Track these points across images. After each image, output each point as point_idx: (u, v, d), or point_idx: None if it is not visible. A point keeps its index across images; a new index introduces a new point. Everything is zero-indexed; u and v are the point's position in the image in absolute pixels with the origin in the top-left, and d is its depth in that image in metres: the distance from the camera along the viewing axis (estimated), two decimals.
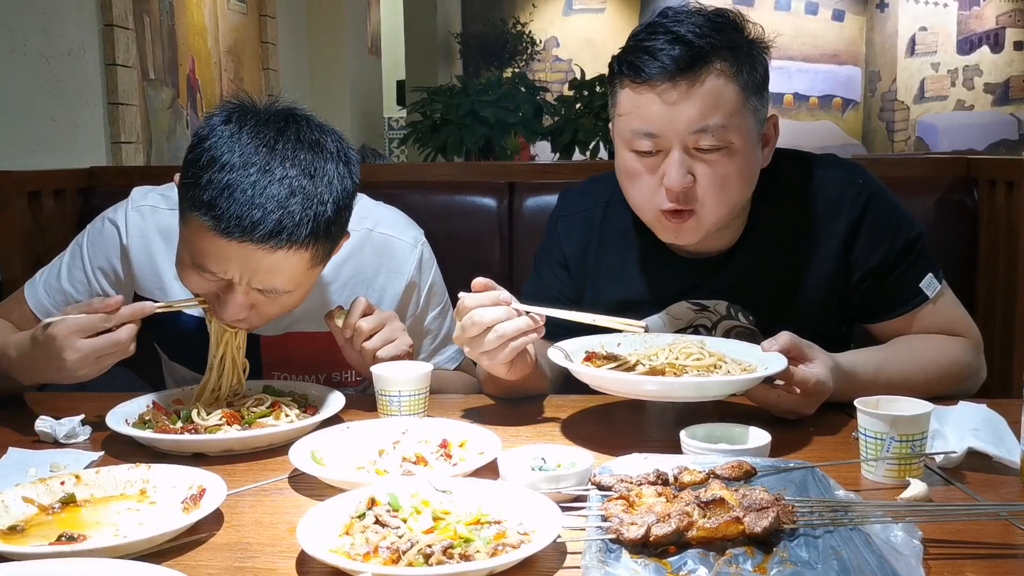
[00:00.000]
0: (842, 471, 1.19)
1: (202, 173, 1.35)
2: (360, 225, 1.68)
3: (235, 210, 1.33)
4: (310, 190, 1.37)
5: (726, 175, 1.46)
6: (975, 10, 9.16)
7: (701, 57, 1.42)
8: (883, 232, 1.56)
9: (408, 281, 1.71)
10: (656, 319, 1.64)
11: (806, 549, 0.95)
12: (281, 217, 1.34)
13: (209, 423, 1.38)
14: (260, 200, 1.33)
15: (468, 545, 0.94)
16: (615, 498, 1.05)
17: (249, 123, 1.39)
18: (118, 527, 1.08)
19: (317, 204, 1.37)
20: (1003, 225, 2.06)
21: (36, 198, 2.19)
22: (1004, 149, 8.82)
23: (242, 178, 1.34)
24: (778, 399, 1.39)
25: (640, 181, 1.49)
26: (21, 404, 1.58)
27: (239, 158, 1.35)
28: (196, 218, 1.36)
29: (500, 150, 5.53)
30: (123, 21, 3.25)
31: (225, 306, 1.43)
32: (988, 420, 1.27)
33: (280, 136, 1.39)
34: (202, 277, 1.42)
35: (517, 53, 9.69)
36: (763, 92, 1.50)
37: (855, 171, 1.61)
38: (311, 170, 1.38)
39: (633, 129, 1.47)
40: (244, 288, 1.41)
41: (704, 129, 1.43)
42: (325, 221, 1.39)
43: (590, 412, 1.52)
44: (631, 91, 1.47)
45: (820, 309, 1.58)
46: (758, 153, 1.52)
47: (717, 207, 1.48)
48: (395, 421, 1.37)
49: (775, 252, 1.58)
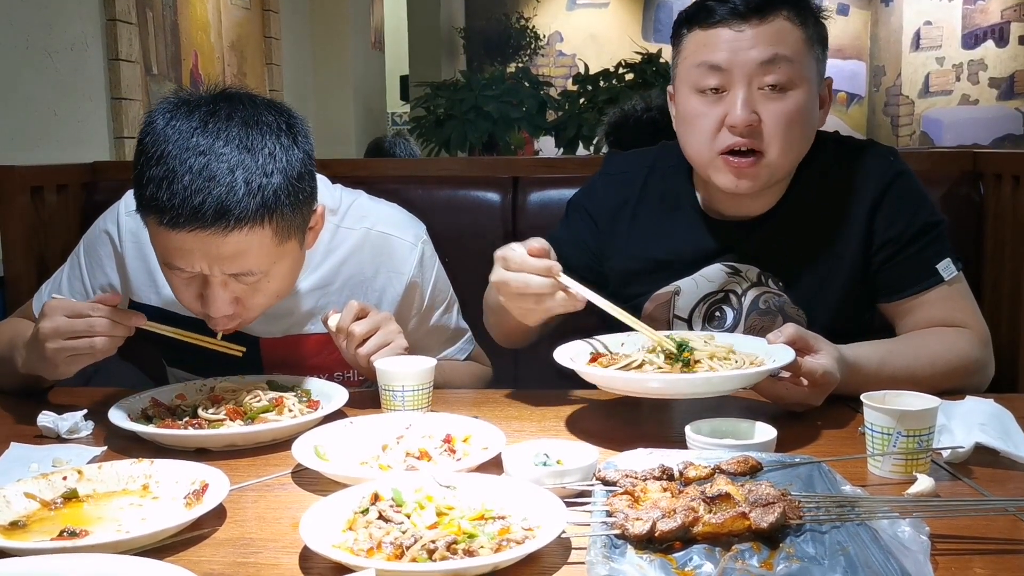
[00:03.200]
0: (848, 466, 1.19)
1: (144, 171, 1.34)
2: (359, 224, 1.66)
3: (177, 200, 1.30)
4: (249, 164, 1.33)
5: (789, 117, 1.49)
6: (980, 4, 9.11)
7: (769, 2, 1.49)
8: (905, 207, 1.58)
9: (409, 281, 1.69)
10: (689, 281, 1.65)
11: (812, 545, 0.94)
12: (223, 197, 1.31)
13: (212, 418, 1.37)
14: (199, 184, 1.30)
15: (472, 541, 0.94)
16: (620, 493, 1.04)
17: (181, 112, 1.36)
18: (120, 522, 1.07)
19: (260, 176, 1.33)
20: (1009, 219, 2.05)
21: (39, 193, 2.19)
22: (1009, 143, 8.78)
23: (178, 166, 1.31)
24: (786, 392, 1.38)
25: (701, 123, 1.52)
26: (24, 399, 1.57)
27: (173, 146, 1.33)
28: (147, 217, 1.36)
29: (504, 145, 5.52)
30: (126, 16, 3.24)
31: (209, 303, 1.41)
32: (995, 415, 1.26)
33: (211, 117, 1.36)
34: (177, 276, 1.41)
35: (521, 48, 9.67)
36: (824, 48, 1.56)
37: (889, 151, 1.64)
38: (248, 144, 1.34)
39: (700, 62, 1.51)
40: (220, 279, 1.39)
41: (772, 61, 1.47)
42: (273, 193, 1.35)
43: (595, 407, 1.52)
44: (700, 32, 1.52)
45: (846, 283, 1.60)
46: (817, 106, 1.55)
47: (782, 151, 1.51)
48: (399, 416, 1.37)
49: (807, 220, 1.61)
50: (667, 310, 1.67)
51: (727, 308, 1.65)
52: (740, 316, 1.64)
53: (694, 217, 1.67)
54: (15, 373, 1.53)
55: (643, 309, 1.68)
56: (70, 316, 1.38)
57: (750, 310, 1.63)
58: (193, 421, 1.37)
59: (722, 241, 1.64)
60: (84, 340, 1.38)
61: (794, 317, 1.61)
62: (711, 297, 1.65)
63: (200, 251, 1.34)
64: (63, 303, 1.41)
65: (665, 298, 1.67)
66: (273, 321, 1.62)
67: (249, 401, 1.43)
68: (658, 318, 1.67)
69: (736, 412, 1.35)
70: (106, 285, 1.67)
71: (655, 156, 1.74)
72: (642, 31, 9.74)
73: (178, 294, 1.45)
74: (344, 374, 1.70)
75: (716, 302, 1.65)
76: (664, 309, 1.67)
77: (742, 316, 1.64)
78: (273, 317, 1.60)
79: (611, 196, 1.73)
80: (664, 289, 1.67)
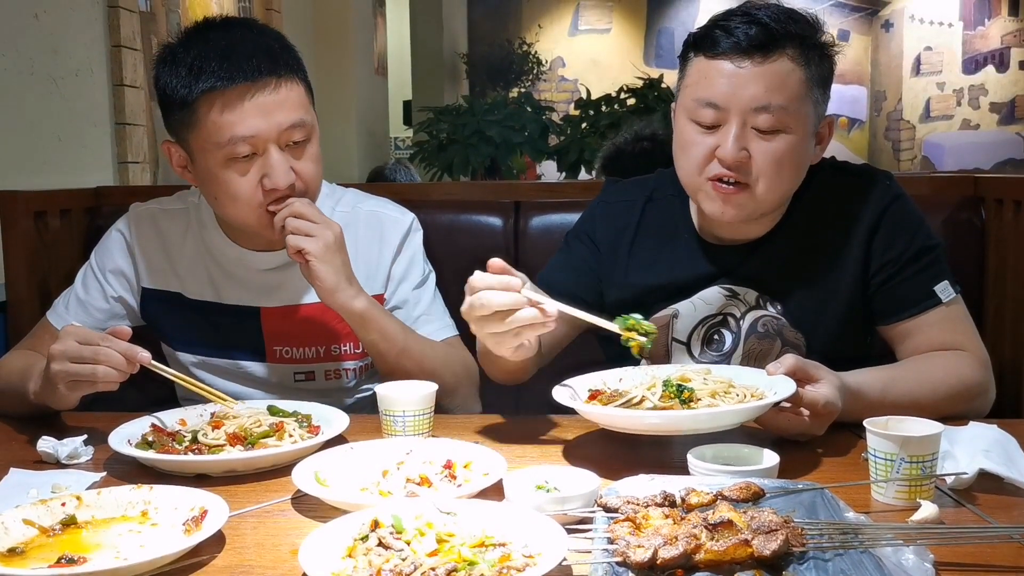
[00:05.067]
0: (852, 492, 1.18)
1: (181, 65, 1.54)
2: (352, 207, 1.79)
3: (230, 61, 1.52)
4: (270, 35, 1.61)
5: (780, 158, 1.50)
6: (980, 30, 9.17)
7: (774, 40, 1.48)
8: (902, 230, 1.58)
9: (395, 250, 1.78)
10: (687, 304, 1.66)
11: (816, 572, 0.93)
12: (269, 51, 1.55)
13: (212, 443, 1.37)
14: (242, 48, 1.53)
15: (472, 568, 0.93)
16: (621, 520, 1.03)
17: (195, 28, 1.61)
18: (119, 549, 1.07)
19: (283, 44, 1.61)
20: (1011, 244, 2.04)
21: (42, 218, 2.19)
22: (1010, 168, 8.81)
23: (219, 39, 1.55)
24: (787, 423, 1.37)
25: (694, 151, 1.54)
26: (24, 424, 1.57)
27: (199, 36, 1.57)
28: (204, 97, 1.52)
29: (506, 169, 5.54)
30: (131, 42, 3.26)
31: (274, 172, 1.54)
32: (999, 441, 1.26)
33: (212, 26, 1.60)
34: (237, 169, 1.54)
35: (523, 73, 9.73)
36: (826, 89, 1.56)
37: (885, 176, 1.65)
38: (246, 24, 1.63)
39: (697, 98, 1.52)
40: (277, 144, 1.54)
41: (766, 107, 1.48)
42: (297, 57, 1.62)
43: (596, 434, 1.51)
44: (703, 62, 1.53)
45: (845, 306, 1.60)
46: (811, 146, 1.56)
47: (769, 188, 1.52)
48: (399, 441, 1.36)
49: (805, 244, 1.61)
50: (665, 333, 1.67)
51: (725, 331, 1.65)
52: (739, 339, 1.64)
53: (692, 242, 1.67)
54: (26, 402, 1.55)
55: None
56: (81, 342, 1.41)
57: (748, 333, 1.63)
58: (193, 447, 1.37)
59: (720, 265, 1.65)
60: (87, 366, 1.39)
61: (793, 340, 1.61)
62: (709, 320, 1.65)
63: (256, 107, 1.52)
64: (78, 330, 1.44)
65: (663, 321, 1.66)
66: (273, 292, 1.73)
67: (249, 426, 1.43)
68: (657, 342, 1.66)
69: (738, 438, 1.34)
70: (119, 275, 1.77)
71: (653, 185, 1.75)
72: (644, 56, 9.80)
73: (238, 194, 1.56)
74: (342, 347, 1.76)
75: (714, 325, 1.65)
76: (662, 332, 1.66)
77: (740, 339, 1.63)
78: (273, 286, 1.73)
79: (610, 223, 1.74)
80: (662, 312, 1.67)
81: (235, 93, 1.52)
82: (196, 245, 1.76)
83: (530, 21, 10.00)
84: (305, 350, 1.74)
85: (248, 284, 1.74)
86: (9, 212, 2.15)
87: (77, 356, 1.40)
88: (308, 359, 1.75)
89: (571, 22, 10.01)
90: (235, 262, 1.74)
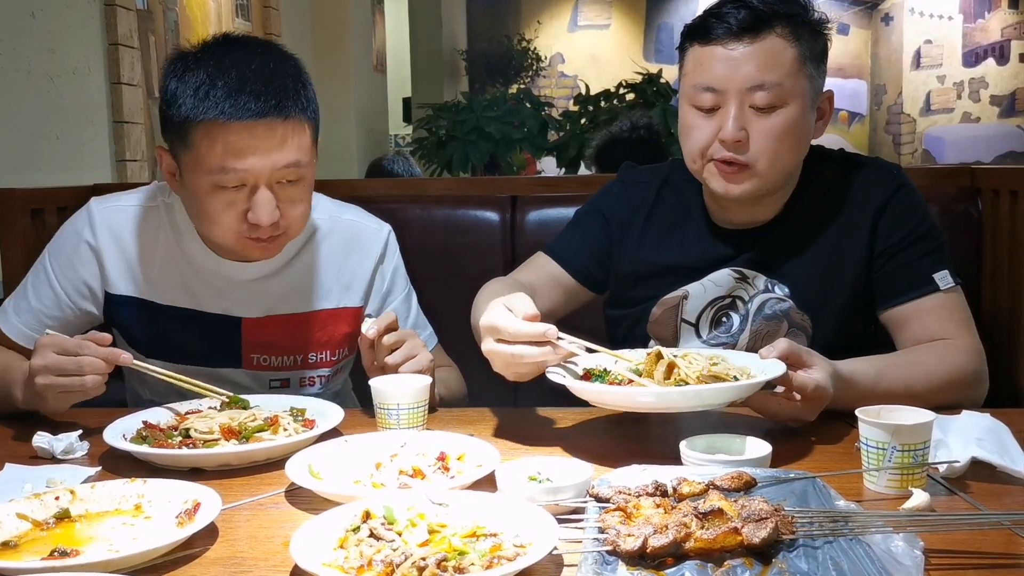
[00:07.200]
0: (844, 481, 1.18)
1: (186, 83, 1.50)
2: (326, 214, 1.77)
3: (234, 88, 1.47)
4: (288, 68, 1.55)
5: (778, 134, 1.54)
6: (980, 23, 9.16)
7: (763, 20, 1.53)
8: (907, 216, 1.62)
9: (376, 261, 1.78)
10: (697, 286, 1.69)
11: (805, 560, 0.94)
12: (280, 88, 1.50)
13: (206, 437, 1.37)
14: (254, 80, 1.48)
15: (463, 558, 0.93)
16: (612, 510, 1.04)
17: (206, 44, 1.57)
18: (112, 542, 1.07)
19: (299, 80, 1.55)
20: (1007, 235, 2.04)
21: (39, 215, 2.19)
22: (1011, 161, 8.80)
23: (232, 65, 1.50)
24: (778, 407, 1.38)
25: (696, 133, 1.58)
26: (19, 420, 1.57)
27: (211, 56, 1.52)
28: (198, 123, 1.47)
29: (505, 165, 5.54)
30: (128, 40, 3.27)
31: (259, 209, 1.51)
32: (992, 429, 1.26)
33: (230, 44, 1.56)
34: (223, 197, 1.51)
35: (522, 69, 9.73)
36: (821, 63, 1.59)
37: (893, 166, 1.69)
38: (276, 53, 1.57)
39: (695, 84, 1.57)
40: (268, 181, 1.51)
41: (761, 85, 1.52)
42: (310, 96, 1.56)
43: (589, 424, 1.51)
44: (698, 50, 1.57)
45: (850, 290, 1.63)
46: (811, 120, 1.60)
47: (771, 163, 1.55)
48: (394, 434, 1.36)
49: (813, 229, 1.65)
50: (675, 314, 1.70)
51: (734, 313, 1.67)
52: (746, 321, 1.66)
53: (703, 226, 1.72)
54: (14, 407, 1.55)
55: (651, 313, 1.72)
56: (59, 353, 1.41)
57: (756, 315, 1.65)
58: (187, 440, 1.37)
59: (730, 248, 1.68)
60: (75, 379, 1.41)
61: (799, 322, 1.64)
62: (719, 302, 1.68)
63: (254, 145, 1.48)
64: (54, 339, 1.43)
65: (673, 302, 1.70)
66: (254, 301, 1.70)
67: (244, 420, 1.43)
68: (666, 322, 1.71)
69: (731, 428, 1.35)
70: (80, 284, 1.68)
71: (668, 170, 1.80)
72: (643, 52, 9.79)
73: (220, 220, 1.53)
74: (319, 355, 1.75)
75: (723, 307, 1.68)
76: (672, 313, 1.70)
77: (748, 321, 1.65)
78: (254, 296, 1.69)
79: (625, 202, 1.79)
80: (672, 293, 1.70)
81: (236, 128, 1.47)
82: (169, 249, 1.68)
83: (529, 17, 9.99)
84: (283, 358, 1.72)
85: (228, 294, 1.69)
86: (6, 210, 2.15)
87: (60, 370, 1.40)
88: (285, 367, 1.73)
89: (570, 18, 10.01)
90: (214, 272, 1.68)
